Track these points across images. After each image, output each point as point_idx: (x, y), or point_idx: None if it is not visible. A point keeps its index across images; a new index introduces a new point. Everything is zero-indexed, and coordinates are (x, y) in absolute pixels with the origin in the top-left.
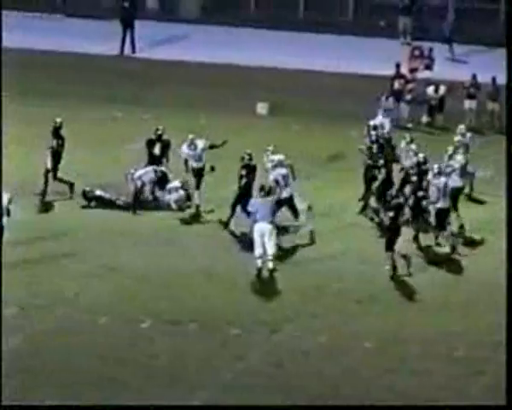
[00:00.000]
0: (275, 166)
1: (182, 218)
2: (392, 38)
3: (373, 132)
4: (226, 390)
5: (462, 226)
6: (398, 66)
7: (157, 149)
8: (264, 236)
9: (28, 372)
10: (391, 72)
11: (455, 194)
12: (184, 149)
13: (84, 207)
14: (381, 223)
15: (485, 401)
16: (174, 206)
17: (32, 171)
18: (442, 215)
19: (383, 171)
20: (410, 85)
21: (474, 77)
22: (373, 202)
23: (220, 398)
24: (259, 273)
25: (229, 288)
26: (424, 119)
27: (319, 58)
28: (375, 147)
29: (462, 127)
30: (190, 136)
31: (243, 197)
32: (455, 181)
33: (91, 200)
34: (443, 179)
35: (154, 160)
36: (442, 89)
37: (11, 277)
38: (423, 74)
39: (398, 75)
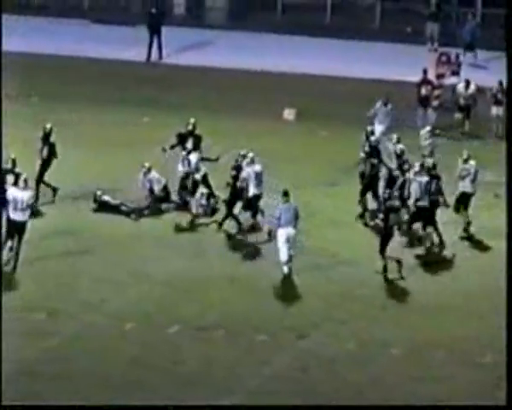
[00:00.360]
0: (249, 163)
1: (203, 222)
2: (419, 44)
3: (372, 138)
4: (252, 396)
5: (466, 229)
6: (425, 72)
7: (189, 144)
8: (289, 241)
9: (55, 377)
10: (418, 78)
11: (465, 199)
12: (180, 167)
13: (95, 210)
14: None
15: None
16: (200, 210)
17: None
18: (422, 213)
19: (408, 175)
20: (436, 92)
21: (501, 83)
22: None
23: (246, 403)
24: (286, 279)
25: (253, 293)
26: (456, 115)
27: (346, 64)
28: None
29: (425, 131)
30: (183, 152)
31: (236, 198)
32: (466, 187)
33: (98, 203)
34: (425, 178)
35: (187, 153)
36: (472, 87)
37: (37, 281)
38: (450, 80)
39: (425, 81)
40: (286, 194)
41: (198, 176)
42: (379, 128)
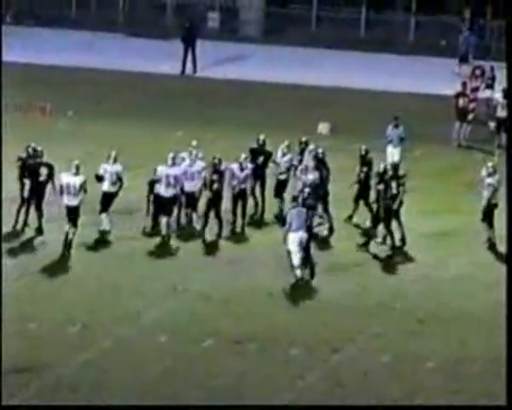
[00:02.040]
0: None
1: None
2: (454, 58)
3: (319, 150)
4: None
5: (490, 239)
6: (464, 84)
7: (261, 159)
8: (301, 245)
9: (91, 390)
10: (452, 91)
11: (491, 209)
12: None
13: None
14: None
15: None
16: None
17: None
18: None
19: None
20: (471, 105)
21: None
22: None
23: None
24: (298, 283)
25: (289, 306)
26: (491, 124)
27: (380, 77)
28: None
29: (284, 145)
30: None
31: (215, 203)
32: (491, 198)
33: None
34: (310, 177)
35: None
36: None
37: (73, 293)
38: (484, 94)
39: (463, 93)
40: (294, 199)
41: None
42: (395, 152)
